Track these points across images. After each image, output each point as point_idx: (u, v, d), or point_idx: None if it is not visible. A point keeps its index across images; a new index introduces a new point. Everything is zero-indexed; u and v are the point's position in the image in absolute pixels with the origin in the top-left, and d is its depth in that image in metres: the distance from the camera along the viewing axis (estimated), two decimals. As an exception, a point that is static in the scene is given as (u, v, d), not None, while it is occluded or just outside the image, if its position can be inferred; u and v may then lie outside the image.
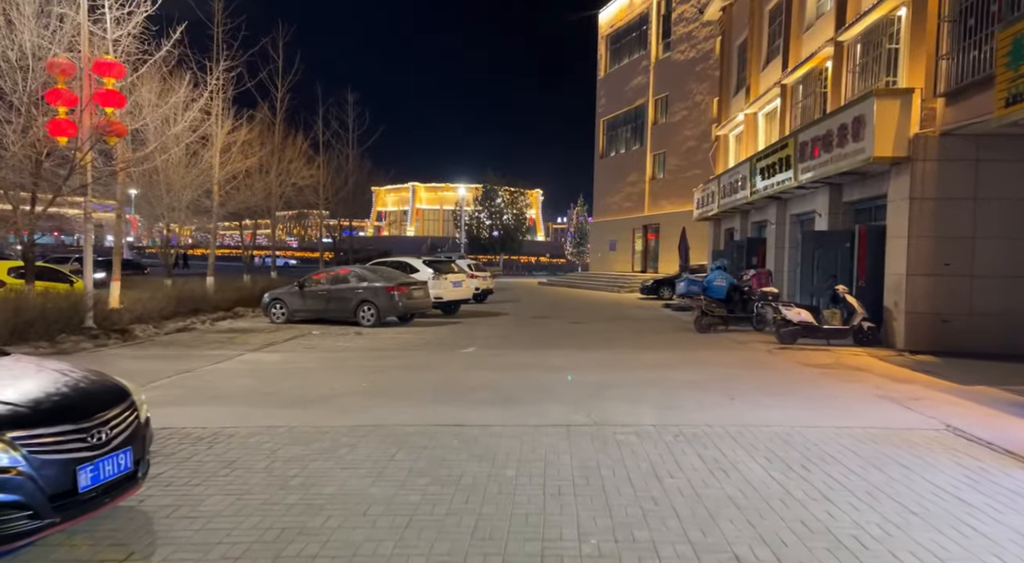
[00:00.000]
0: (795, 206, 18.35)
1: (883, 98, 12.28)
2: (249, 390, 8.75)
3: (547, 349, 13.00)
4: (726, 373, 10.19)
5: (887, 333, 12.93)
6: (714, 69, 33.87)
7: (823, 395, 8.49)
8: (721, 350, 12.91)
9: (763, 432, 6.54)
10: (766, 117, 22.41)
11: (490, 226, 65.30)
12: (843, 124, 13.31)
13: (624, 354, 12.38)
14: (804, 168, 15.34)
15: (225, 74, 20.24)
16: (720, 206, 23.30)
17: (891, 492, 4.92)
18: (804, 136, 15.29)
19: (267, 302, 18.07)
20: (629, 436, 6.41)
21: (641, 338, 15.12)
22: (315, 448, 6.02)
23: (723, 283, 15.91)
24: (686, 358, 11.81)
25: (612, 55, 44.96)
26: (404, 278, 17.73)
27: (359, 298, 16.98)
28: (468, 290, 20.92)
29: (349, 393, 8.56)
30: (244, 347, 12.98)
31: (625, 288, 34.11)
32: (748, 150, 23.01)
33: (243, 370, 10.33)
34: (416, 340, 14.32)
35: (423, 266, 20.01)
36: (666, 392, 8.61)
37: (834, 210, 15.57)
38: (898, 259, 12.61)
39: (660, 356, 12.04)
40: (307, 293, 17.58)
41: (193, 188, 20.24)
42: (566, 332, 16.19)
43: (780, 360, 11.61)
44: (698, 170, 34.31)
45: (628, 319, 20.09)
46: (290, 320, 17.66)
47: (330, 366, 10.85)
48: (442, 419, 7.12)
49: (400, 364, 11.04)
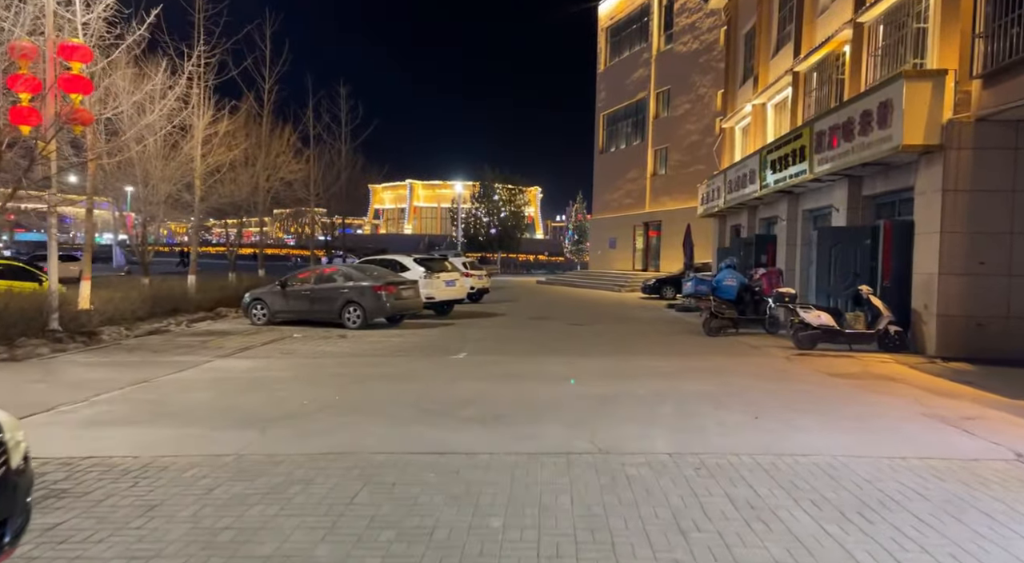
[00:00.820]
0: (808, 201, 17.28)
1: (913, 81, 11.21)
2: (205, 405, 7.68)
3: (545, 355, 11.94)
4: (744, 384, 9.12)
5: (915, 338, 11.87)
6: (718, 60, 32.79)
7: (861, 413, 7.42)
8: (734, 356, 11.85)
9: (802, 464, 5.47)
10: (775, 108, 21.33)
11: (488, 224, 64.18)
12: (867, 110, 12.24)
13: (629, 361, 11.31)
14: (821, 159, 14.27)
15: (206, 61, 19.16)
16: (726, 202, 22.23)
17: (984, 557, 3.85)
18: (821, 125, 14.22)
19: (247, 302, 17.00)
20: (642, 469, 5.34)
21: (646, 342, 14.06)
22: (261, 485, 4.95)
23: (733, 283, 14.85)
24: (697, 366, 10.74)
25: (612, 48, 43.85)
26: (392, 277, 16.66)
27: (344, 298, 15.91)
28: (462, 290, 19.85)
29: (319, 409, 7.49)
30: (216, 352, 11.92)
31: (626, 287, 33.05)
32: (756, 143, 21.93)
33: (206, 380, 9.26)
34: (403, 344, 13.25)
35: (414, 264, 18.94)
36: (680, 408, 7.55)
37: (853, 205, 14.50)
38: (928, 257, 11.55)
39: (669, 363, 10.98)
40: (289, 293, 16.51)
41: (172, 181, 19.17)
42: (565, 335, 15.12)
43: (801, 368, 10.54)
44: (702, 165, 33.25)
45: (631, 321, 19.03)
46: (272, 321, 16.59)
47: (305, 375, 9.78)
48: (420, 444, 6.06)
49: (382, 373, 9.97)
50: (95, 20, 14.08)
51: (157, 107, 16.51)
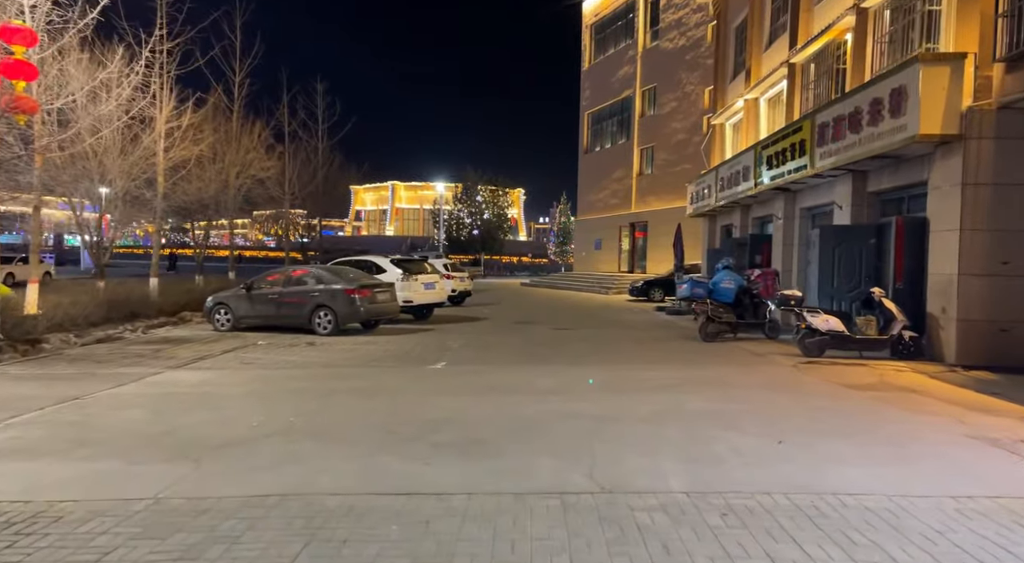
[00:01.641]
0: (807, 198, 16.41)
1: (930, 65, 10.32)
2: (136, 430, 6.56)
3: (531, 364, 10.91)
4: (754, 398, 8.15)
5: (931, 344, 10.98)
6: (706, 57, 32.01)
7: (895, 435, 6.46)
8: (737, 365, 10.88)
9: (850, 508, 4.47)
10: (769, 102, 20.49)
11: (470, 225, 63.07)
12: (877, 99, 11.35)
13: (623, 371, 10.31)
14: (824, 153, 13.38)
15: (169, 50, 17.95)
16: (718, 200, 21.35)
17: None
18: (824, 116, 13.34)
19: (210, 307, 15.80)
20: (655, 515, 4.32)
21: (640, 349, 13.08)
22: (173, 547, 3.87)
23: (731, 285, 13.91)
24: (700, 376, 9.76)
25: (597, 45, 42.98)
26: (367, 280, 15.54)
27: (314, 302, 14.78)
28: (442, 293, 18.76)
29: (270, 433, 6.40)
30: (167, 362, 10.76)
31: (612, 289, 32.11)
32: (749, 139, 21.09)
33: (146, 396, 8.12)
34: (376, 352, 12.15)
35: (391, 266, 17.82)
36: (689, 430, 6.55)
37: (857, 201, 13.63)
38: (945, 257, 10.66)
39: (668, 374, 9.98)
40: (255, 297, 15.34)
41: (130, 177, 17.92)
42: (552, 341, 14.10)
43: (812, 379, 9.59)
44: (688, 164, 32.42)
45: (620, 325, 18.05)
46: (236, 327, 15.42)
47: (262, 390, 8.67)
48: (384, 481, 5.00)
49: (350, 386, 8.88)
50: (43, 2, 12.94)
51: (111, 96, 15.33)
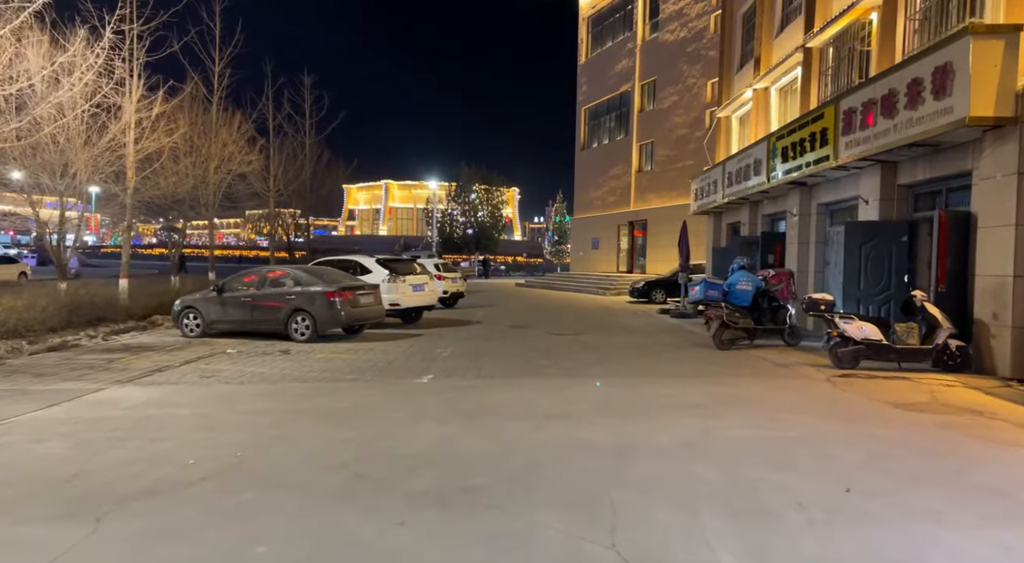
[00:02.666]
0: (825, 193, 15.19)
1: (982, 38, 9.08)
2: (41, 469, 5.27)
3: (528, 378, 9.64)
4: (795, 423, 6.90)
5: (980, 354, 9.75)
6: (708, 48, 30.82)
7: (993, 478, 5.20)
8: (763, 379, 9.63)
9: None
10: (781, 92, 19.27)
11: (464, 224, 61.73)
12: (916, 79, 10.12)
13: (635, 386, 9.05)
14: (850, 142, 12.15)
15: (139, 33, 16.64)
16: (725, 196, 20.12)
17: None
18: (852, 101, 12.11)
19: (178, 311, 14.49)
20: (712, 620, 3.06)
21: (649, 358, 11.81)
22: None
23: (749, 287, 12.66)
24: (724, 394, 8.50)
25: (594, 38, 41.73)
26: (349, 281, 14.24)
27: (291, 306, 13.49)
28: (432, 295, 17.47)
29: (205, 476, 5.12)
30: (118, 375, 9.47)
31: (611, 290, 30.86)
32: (758, 131, 19.87)
33: (73, 422, 6.81)
34: (356, 363, 10.86)
35: (376, 266, 16.53)
36: (727, 469, 5.29)
37: (886, 195, 12.40)
38: (998, 256, 9.44)
39: (686, 390, 8.72)
40: (228, 300, 14.03)
41: (95, 170, 16.59)
42: (551, 349, 12.82)
43: (854, 397, 8.35)
44: (690, 160, 31.22)
45: (624, 330, 16.79)
46: (207, 333, 14.12)
47: (214, 413, 7.37)
48: (342, 556, 3.72)
49: (318, 407, 7.60)
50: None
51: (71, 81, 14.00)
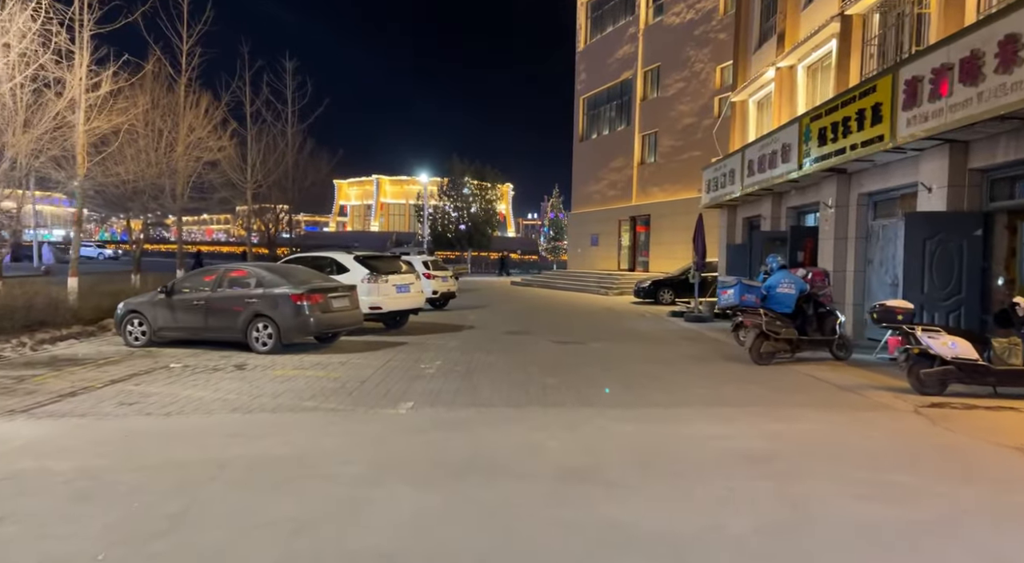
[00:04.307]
0: (871, 180, 13.23)
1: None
2: None
3: (532, 406, 7.64)
4: (917, 491, 4.92)
5: (1099, 377, 7.82)
6: (718, 30, 28.84)
7: None
8: (832, 409, 7.64)
9: None
10: (810, 69, 17.28)
11: (456, 219, 59.61)
12: (1012, 35, 8.15)
13: (670, 421, 7.04)
14: (914, 118, 10.18)
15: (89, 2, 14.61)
16: (744, 187, 18.14)
17: None
18: (916, 68, 10.13)
19: (121, 315, 12.44)
20: None
21: (676, 376, 9.80)
22: None
23: (791, 290, 10.68)
24: (791, 435, 6.49)
25: (593, 24, 39.66)
26: (320, 282, 12.20)
27: (251, 311, 11.46)
28: (418, 297, 15.42)
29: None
30: (19, 400, 7.47)
31: (614, 289, 28.88)
32: (782, 115, 17.90)
33: None
34: (321, 384, 8.83)
35: (355, 264, 14.48)
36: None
37: (955, 181, 10.44)
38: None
39: (739, 427, 6.71)
40: (178, 303, 11.99)
41: (35, 154, 14.48)
42: (557, 363, 10.81)
43: (966, 440, 6.36)
44: (697, 151, 29.25)
45: (637, 336, 14.81)
46: (154, 342, 12.11)
47: (103, 466, 5.33)
48: None
49: (251, 458, 5.57)
50: None
51: None
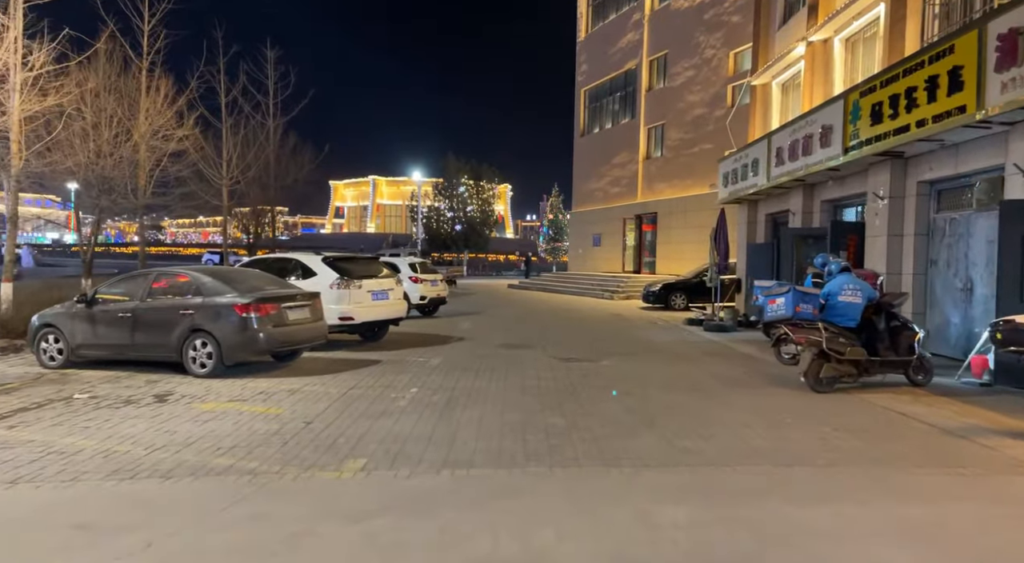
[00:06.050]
0: (936, 165, 11.10)
1: None
2: None
3: (530, 464, 5.46)
4: None
5: None
6: (731, 12, 26.75)
7: None
8: (957, 470, 5.46)
9: None
10: (849, 42, 15.15)
11: (452, 219, 57.39)
12: None
13: (737, 496, 4.86)
14: (1012, 81, 8.07)
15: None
16: (771, 179, 16.02)
17: None
18: (1012, 19, 8.03)
19: (35, 329, 10.27)
20: None
21: (717, 410, 7.60)
22: None
23: (857, 299, 8.51)
24: (932, 531, 4.33)
25: (595, 11, 37.56)
26: (273, 290, 10.02)
27: (187, 324, 9.29)
28: (398, 305, 13.21)
29: None
30: None
31: (619, 293, 26.72)
32: (815, 96, 15.78)
33: None
34: (251, 427, 6.63)
35: (323, 267, 12.29)
36: None
37: (1063, 161, 8.35)
38: None
39: (843, 512, 4.53)
40: (100, 315, 9.83)
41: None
42: (563, 393, 8.62)
43: None
44: (709, 144, 27.16)
45: (654, 351, 12.65)
46: (72, 362, 9.96)
47: None
48: None
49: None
50: None
51: None
